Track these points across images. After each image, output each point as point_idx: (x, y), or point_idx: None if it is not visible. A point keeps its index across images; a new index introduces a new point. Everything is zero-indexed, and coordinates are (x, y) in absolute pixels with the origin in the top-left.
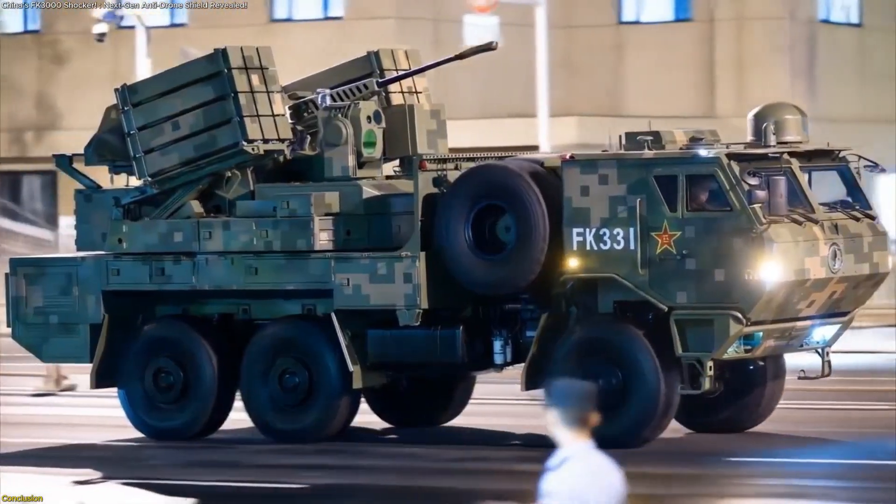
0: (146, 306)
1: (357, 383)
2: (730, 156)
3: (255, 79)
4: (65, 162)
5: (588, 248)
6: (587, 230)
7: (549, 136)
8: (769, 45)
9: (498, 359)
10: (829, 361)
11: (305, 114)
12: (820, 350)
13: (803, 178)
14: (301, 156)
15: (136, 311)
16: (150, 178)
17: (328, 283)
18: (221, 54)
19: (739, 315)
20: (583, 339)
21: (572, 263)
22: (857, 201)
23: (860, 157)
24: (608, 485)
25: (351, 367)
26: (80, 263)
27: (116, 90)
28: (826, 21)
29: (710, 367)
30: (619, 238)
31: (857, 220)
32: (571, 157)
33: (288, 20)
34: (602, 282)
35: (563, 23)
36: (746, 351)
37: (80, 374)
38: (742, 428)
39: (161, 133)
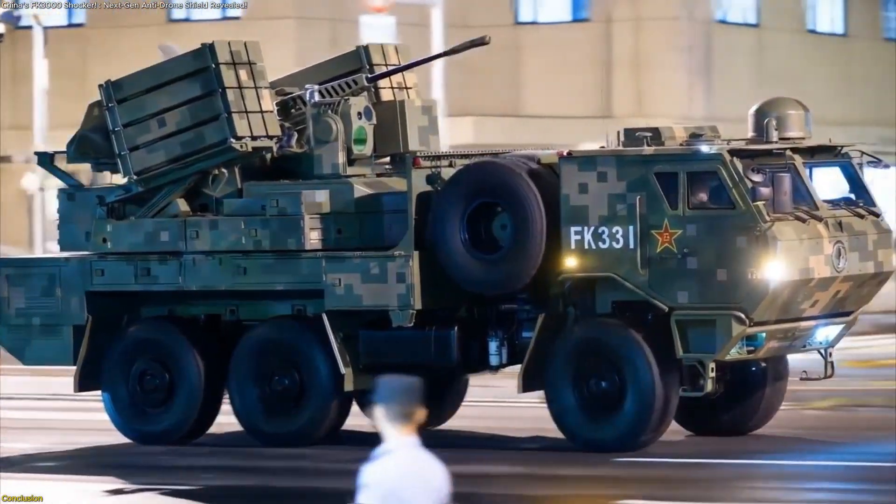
0: (131, 307)
1: (349, 386)
2: (732, 152)
3: (242, 74)
4: (46, 160)
5: (586, 246)
6: (585, 229)
7: (446, 136)
8: (666, 45)
9: (493, 360)
10: (832, 362)
11: (293, 110)
12: (823, 351)
13: (806, 174)
14: (289, 153)
15: (120, 312)
16: (135, 176)
17: (319, 283)
18: (209, 49)
19: (742, 315)
20: (580, 340)
21: (570, 263)
22: (860, 198)
23: (863, 152)
24: (427, 481)
25: (342, 370)
26: (63, 264)
27: (101, 86)
28: (723, 21)
29: (712, 369)
30: (618, 237)
31: (862, 217)
32: (569, 153)
33: (186, 20)
34: (601, 281)
35: (459, 23)
36: (749, 352)
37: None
38: (744, 430)
39: (147, 130)
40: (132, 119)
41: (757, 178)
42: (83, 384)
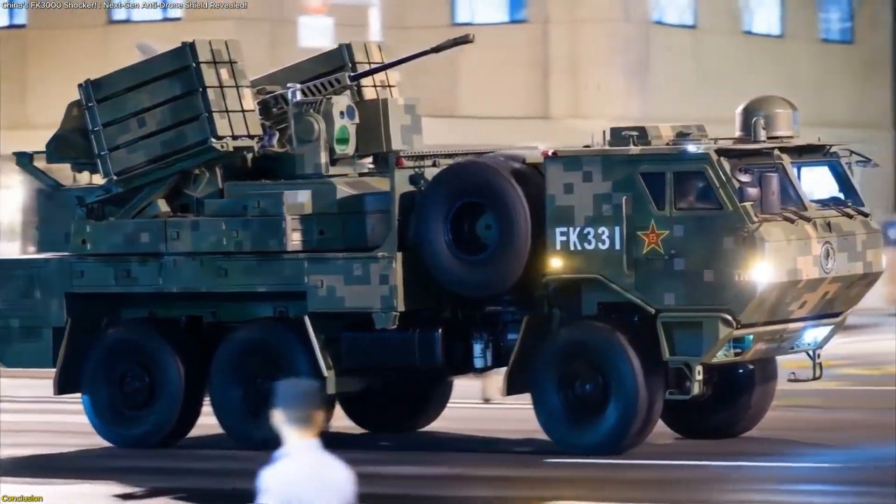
0: (111, 309)
1: (331, 388)
2: (719, 151)
3: (223, 73)
4: (25, 159)
5: (572, 248)
6: (571, 229)
7: None
8: (603, 46)
9: (478, 363)
10: (820, 364)
11: (274, 109)
12: (811, 352)
13: (794, 174)
14: (270, 153)
15: (100, 314)
16: (115, 177)
17: (301, 284)
18: (189, 48)
19: (729, 317)
20: (565, 342)
21: (555, 264)
22: (849, 198)
23: (852, 151)
24: (328, 482)
25: (325, 373)
26: (42, 265)
27: (80, 86)
28: (660, 22)
29: (699, 372)
30: (604, 238)
31: (851, 217)
32: (554, 153)
33: (127, 21)
34: (586, 283)
35: (397, 24)
36: (736, 354)
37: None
38: (734, 433)
39: (127, 130)
40: (112, 119)
41: (744, 178)
42: (63, 387)
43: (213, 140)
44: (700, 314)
